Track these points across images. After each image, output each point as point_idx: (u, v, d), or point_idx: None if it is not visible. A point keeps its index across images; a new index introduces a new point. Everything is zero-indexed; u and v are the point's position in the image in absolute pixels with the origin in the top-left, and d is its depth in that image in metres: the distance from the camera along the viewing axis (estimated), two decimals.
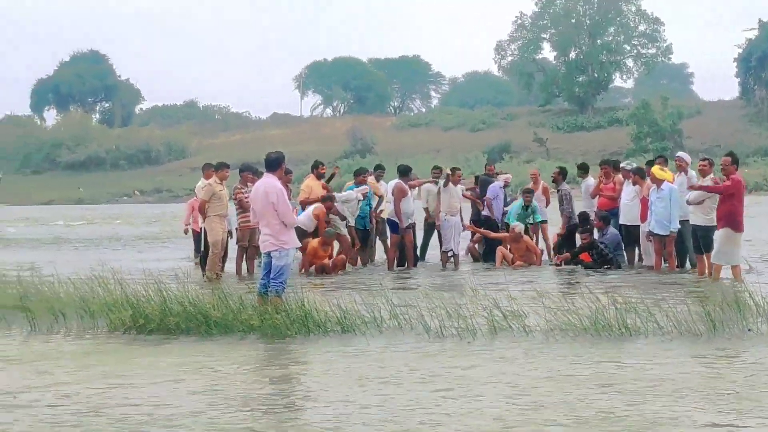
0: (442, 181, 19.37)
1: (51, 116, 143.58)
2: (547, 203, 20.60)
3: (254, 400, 8.13)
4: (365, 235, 19.58)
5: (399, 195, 18.54)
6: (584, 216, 18.92)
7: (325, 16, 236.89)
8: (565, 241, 19.20)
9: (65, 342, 11.19)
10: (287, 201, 12.49)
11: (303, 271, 18.12)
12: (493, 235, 19.84)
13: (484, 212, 20.36)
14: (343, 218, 18.83)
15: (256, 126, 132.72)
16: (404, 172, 19.02)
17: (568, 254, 18.65)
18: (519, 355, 9.80)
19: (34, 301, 12.24)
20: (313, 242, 18.10)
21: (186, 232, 22.35)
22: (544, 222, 20.22)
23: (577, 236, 18.88)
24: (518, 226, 19.14)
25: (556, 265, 18.66)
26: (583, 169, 20.36)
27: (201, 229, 18.27)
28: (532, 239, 19.65)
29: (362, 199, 19.03)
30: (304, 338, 10.94)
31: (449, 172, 19.26)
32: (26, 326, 11.93)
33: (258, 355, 10.42)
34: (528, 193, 20.09)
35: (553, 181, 20.37)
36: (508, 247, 19.24)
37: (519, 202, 20.18)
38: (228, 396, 8.21)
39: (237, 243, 18.24)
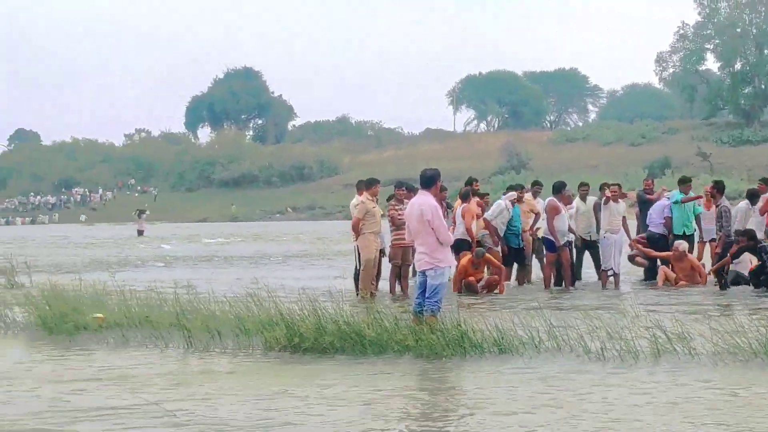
0: (590, 199, 19.01)
1: (205, 134, 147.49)
2: None
3: (410, 423, 7.95)
4: (519, 253, 19.23)
5: (552, 213, 18.16)
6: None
7: (479, 29, 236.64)
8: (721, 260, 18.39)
9: (221, 360, 11.19)
10: (442, 218, 12.26)
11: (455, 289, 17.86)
12: (655, 254, 19.23)
13: (657, 230, 19.60)
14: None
15: (408, 142, 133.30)
16: (558, 188, 18.60)
17: (727, 258, 17.74)
18: (690, 379, 9.38)
19: (191, 319, 12.30)
20: (464, 260, 17.83)
21: None
22: (713, 240, 19.39)
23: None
24: (682, 245, 18.51)
25: (719, 283, 17.80)
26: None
27: (355, 247, 18.13)
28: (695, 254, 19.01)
29: (511, 207, 18.70)
30: (461, 359, 10.68)
31: (607, 189, 18.77)
32: (183, 344, 12.01)
33: (413, 375, 10.19)
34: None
35: (711, 197, 19.58)
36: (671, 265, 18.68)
37: (675, 191, 19.54)
38: (383, 417, 8.06)
39: (390, 261, 18.09)
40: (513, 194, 18.97)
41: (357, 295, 17.19)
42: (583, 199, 19.26)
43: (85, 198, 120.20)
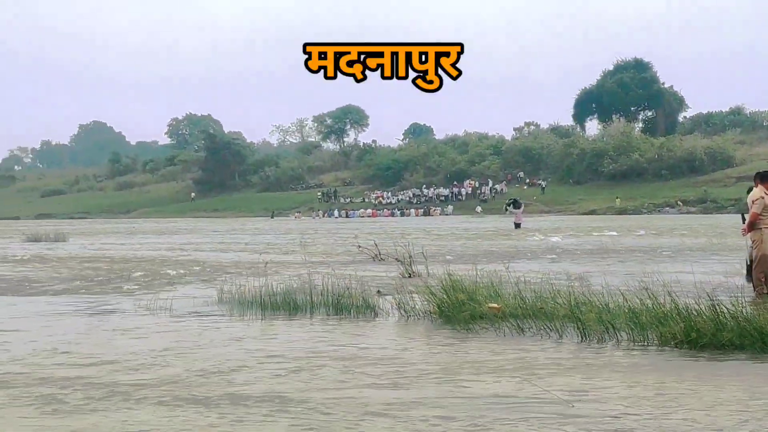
0: None
1: (593, 126, 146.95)
2: None
3: None
4: None
5: None
6: None
7: None
8: None
9: (615, 353, 11.11)
10: None
11: None
12: None
13: None
14: None
15: None
16: None
17: None
18: None
19: (584, 312, 12.35)
20: None
21: None
22: None
23: None
24: None
25: None
26: None
27: (747, 241, 17.52)
28: None
29: None
30: None
31: None
32: (577, 336, 12.08)
33: None
34: None
35: None
36: None
37: None
38: None
39: None
40: None
41: (754, 290, 16.62)
42: None
43: (476, 190, 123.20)
